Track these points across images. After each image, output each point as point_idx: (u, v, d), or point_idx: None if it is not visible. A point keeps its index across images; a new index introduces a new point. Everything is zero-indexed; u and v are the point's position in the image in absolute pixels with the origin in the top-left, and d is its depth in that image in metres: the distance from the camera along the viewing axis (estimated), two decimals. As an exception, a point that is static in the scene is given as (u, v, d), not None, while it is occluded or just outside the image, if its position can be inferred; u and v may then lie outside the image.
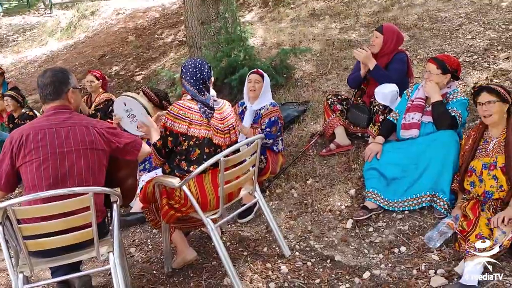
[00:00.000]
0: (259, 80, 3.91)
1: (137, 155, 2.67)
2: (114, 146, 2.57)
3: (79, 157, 2.44)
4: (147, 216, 3.11)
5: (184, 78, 2.82)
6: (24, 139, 2.37)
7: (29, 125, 2.46)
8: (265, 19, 7.73)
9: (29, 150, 2.37)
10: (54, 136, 2.41)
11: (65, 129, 2.45)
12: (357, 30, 6.39)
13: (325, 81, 5.34)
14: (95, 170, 2.50)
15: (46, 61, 10.93)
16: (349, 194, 3.64)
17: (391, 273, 2.81)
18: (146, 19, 10.63)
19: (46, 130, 2.42)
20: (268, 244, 3.28)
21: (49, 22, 13.91)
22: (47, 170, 2.38)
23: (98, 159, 2.51)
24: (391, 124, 3.62)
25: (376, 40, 3.91)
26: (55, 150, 2.40)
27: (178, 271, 3.09)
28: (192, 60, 2.84)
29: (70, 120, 2.49)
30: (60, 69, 2.59)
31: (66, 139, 2.43)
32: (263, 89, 3.90)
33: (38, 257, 2.41)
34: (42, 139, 2.39)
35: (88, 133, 2.48)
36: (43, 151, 2.38)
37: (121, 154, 2.62)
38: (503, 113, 2.94)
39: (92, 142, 2.48)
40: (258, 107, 3.92)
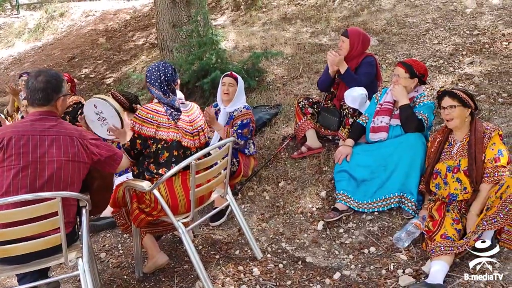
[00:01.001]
0: (233, 83, 3.91)
1: (116, 168, 2.64)
2: (96, 158, 2.52)
3: (60, 168, 2.39)
4: (118, 220, 3.07)
5: (149, 82, 2.84)
6: (5, 142, 2.30)
7: (11, 127, 2.40)
8: (237, 23, 7.75)
9: (9, 155, 2.30)
10: (37, 144, 2.34)
11: (49, 138, 2.38)
12: (327, 34, 6.48)
13: (297, 84, 5.40)
14: (73, 181, 2.45)
15: (12, 63, 10.66)
16: (320, 196, 3.68)
17: (361, 273, 2.86)
18: (117, 21, 10.51)
19: (29, 136, 2.35)
20: (240, 247, 3.29)
21: (16, 23, 13.58)
22: (25, 179, 2.32)
23: (78, 171, 2.46)
24: (361, 127, 3.68)
25: (343, 44, 3.98)
26: (37, 159, 2.33)
27: (149, 276, 3.06)
28: (155, 64, 2.87)
29: (55, 128, 2.42)
30: (54, 75, 2.49)
31: (49, 148, 2.36)
32: (237, 92, 3.91)
33: (4, 264, 2.35)
34: (25, 145, 2.32)
35: (72, 145, 2.43)
36: (24, 158, 2.31)
37: (101, 166, 2.58)
38: (464, 118, 3.03)
39: (75, 154, 2.43)
40: (232, 109, 3.93)
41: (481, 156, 2.91)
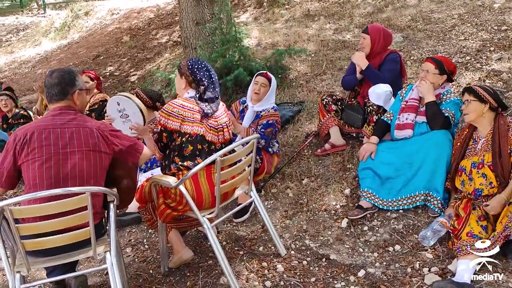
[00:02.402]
0: (265, 84, 3.89)
1: (138, 158, 2.68)
2: (117, 148, 2.58)
3: (82, 159, 2.45)
4: (144, 215, 3.12)
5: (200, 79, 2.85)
6: (28, 137, 2.38)
7: (34, 123, 2.48)
8: (259, 20, 7.75)
9: (32, 149, 2.38)
10: (58, 136, 2.42)
11: (69, 130, 2.46)
12: (351, 31, 6.43)
13: (320, 81, 5.38)
14: (96, 172, 2.51)
15: (39, 62, 10.89)
16: (344, 193, 3.67)
17: (386, 271, 2.84)
18: (140, 20, 10.63)
19: (50, 129, 2.43)
20: (264, 243, 3.30)
21: (43, 22, 13.88)
22: (49, 170, 2.39)
23: (100, 162, 2.52)
24: (385, 124, 3.65)
25: (364, 42, 3.95)
26: (59, 150, 2.41)
27: (175, 271, 3.10)
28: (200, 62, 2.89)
29: (75, 121, 2.49)
30: (67, 70, 2.60)
31: (70, 140, 2.44)
32: (268, 93, 3.90)
33: (35, 256, 2.41)
34: (46, 138, 2.40)
35: (92, 135, 2.49)
36: (46, 150, 2.39)
37: (123, 156, 2.63)
38: (481, 113, 3.00)
39: (95, 144, 2.49)
40: (260, 109, 3.91)
41: (507, 149, 2.87)
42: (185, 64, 2.88)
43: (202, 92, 2.84)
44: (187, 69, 2.86)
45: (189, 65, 2.87)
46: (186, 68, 2.87)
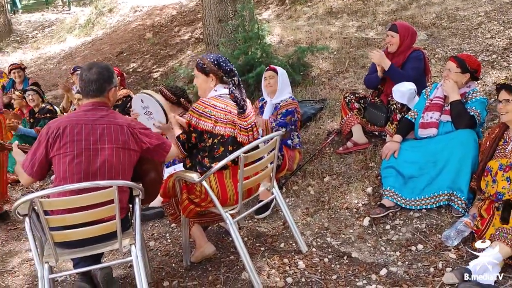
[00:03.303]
0: (272, 75, 4.01)
1: (165, 157, 2.72)
2: (145, 147, 2.62)
3: (111, 155, 2.49)
4: (167, 210, 3.16)
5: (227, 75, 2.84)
6: (61, 131, 2.43)
7: (67, 117, 2.54)
8: (282, 17, 7.75)
9: (64, 143, 2.42)
10: (90, 132, 2.46)
11: (100, 126, 2.49)
12: (374, 28, 6.38)
13: (342, 79, 5.35)
14: (124, 168, 2.55)
15: (64, 58, 11.09)
16: (366, 192, 3.65)
17: (408, 270, 2.82)
18: (163, 16, 10.72)
19: (82, 125, 2.47)
20: (285, 240, 3.32)
21: (68, 19, 14.12)
22: (80, 165, 2.43)
23: (128, 159, 2.56)
24: (409, 122, 3.62)
25: (393, 40, 3.92)
26: (89, 146, 2.45)
27: (197, 265, 3.14)
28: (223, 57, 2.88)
29: (106, 118, 2.53)
30: (106, 67, 2.62)
31: (101, 136, 2.48)
32: (280, 82, 3.98)
33: (62, 248, 2.47)
34: (78, 134, 2.44)
35: (122, 133, 2.53)
36: (77, 145, 2.44)
37: (150, 154, 2.67)
38: None
39: (125, 142, 2.53)
40: (278, 101, 4.01)
41: None
42: (207, 62, 2.84)
43: (236, 83, 2.81)
44: (213, 65, 2.83)
45: (213, 61, 2.84)
46: (211, 65, 2.83)
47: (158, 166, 2.81)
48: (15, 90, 6.39)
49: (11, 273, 3.33)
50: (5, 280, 3.23)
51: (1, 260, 3.53)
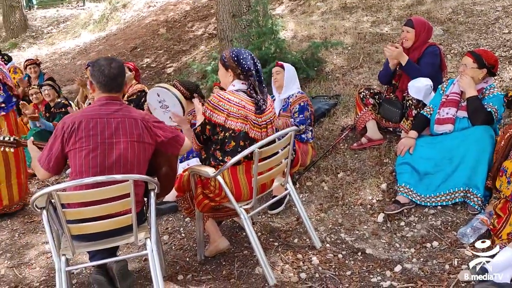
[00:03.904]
0: (279, 71, 4.06)
1: (179, 150, 2.74)
2: (159, 140, 2.64)
3: (126, 149, 2.51)
4: (182, 204, 3.18)
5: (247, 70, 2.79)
6: (76, 125, 2.45)
7: (81, 112, 2.56)
8: (295, 12, 7.71)
9: (80, 137, 2.45)
10: (105, 126, 2.49)
11: (115, 120, 2.52)
12: (389, 23, 6.32)
13: (357, 74, 5.32)
14: (139, 162, 2.57)
15: (79, 53, 11.18)
16: (380, 188, 3.63)
17: (423, 267, 2.80)
18: (176, 12, 10.74)
19: (97, 119, 2.49)
20: (299, 235, 3.31)
21: (82, 15, 14.23)
22: (95, 159, 2.46)
23: (143, 152, 2.58)
24: (425, 118, 3.59)
25: (408, 35, 3.87)
26: (105, 140, 2.47)
27: (211, 259, 3.15)
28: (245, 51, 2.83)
29: (120, 112, 2.55)
30: (120, 61, 2.65)
31: (116, 130, 2.50)
32: (286, 77, 4.02)
33: (79, 241, 2.50)
34: (93, 128, 2.47)
35: (136, 126, 2.55)
36: (93, 140, 2.46)
37: (164, 147, 2.69)
38: None
39: (139, 135, 2.55)
40: (286, 96, 4.04)
41: None
42: (228, 56, 2.81)
43: (253, 82, 2.79)
44: (232, 61, 2.80)
45: (233, 57, 2.80)
46: (231, 60, 2.80)
47: (172, 160, 2.82)
48: (30, 85, 6.45)
49: (28, 265, 3.38)
50: (22, 272, 3.28)
51: (18, 252, 3.59)
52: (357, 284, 2.72)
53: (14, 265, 3.37)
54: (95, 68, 2.56)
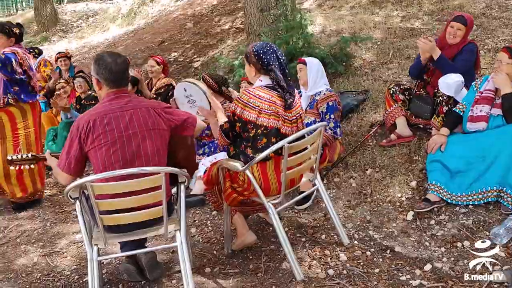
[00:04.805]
0: (301, 67, 3.99)
1: (193, 130, 2.77)
2: (173, 124, 2.67)
3: (144, 138, 2.54)
4: (210, 198, 3.20)
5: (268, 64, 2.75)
6: (91, 124, 2.46)
7: (93, 111, 2.55)
8: (324, 6, 7.63)
9: (97, 135, 2.46)
10: (119, 119, 2.50)
11: (128, 113, 2.54)
12: (420, 18, 6.19)
13: (386, 70, 5.24)
14: (159, 149, 2.60)
15: (108, 47, 11.33)
16: (410, 185, 3.58)
17: (454, 267, 2.76)
18: (204, 6, 10.77)
19: (111, 114, 2.51)
20: (326, 231, 3.30)
21: (111, 9, 14.42)
22: (116, 153, 2.48)
23: (160, 139, 2.60)
24: (457, 116, 3.51)
25: (459, 32, 3.75)
26: (122, 133, 2.50)
27: (238, 253, 3.17)
28: (266, 45, 2.79)
29: (131, 104, 2.58)
30: (123, 55, 2.66)
31: (130, 122, 2.52)
32: (310, 74, 3.93)
33: (109, 232, 2.54)
34: (109, 124, 2.48)
35: (149, 115, 2.58)
36: (110, 135, 2.48)
37: (179, 131, 2.71)
38: None
39: (154, 123, 2.58)
40: (313, 93, 3.97)
41: None
42: (250, 51, 2.80)
43: (274, 78, 2.76)
44: (253, 56, 2.78)
45: (254, 51, 2.78)
46: (252, 55, 2.79)
47: (188, 142, 2.83)
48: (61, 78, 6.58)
49: (60, 254, 3.46)
50: (54, 261, 3.36)
51: (50, 241, 3.67)
52: (385, 282, 2.69)
53: (46, 254, 3.46)
54: (101, 66, 2.54)
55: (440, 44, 3.81)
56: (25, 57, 4.10)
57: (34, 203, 4.41)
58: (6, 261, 3.39)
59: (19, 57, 4.02)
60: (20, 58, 4.03)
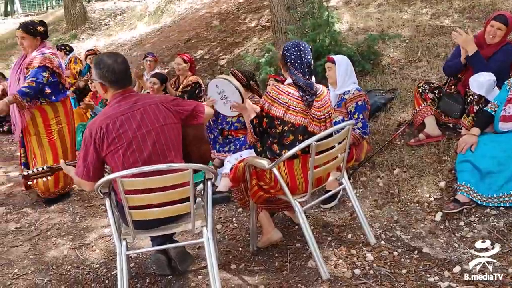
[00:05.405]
0: (330, 66, 3.95)
1: (203, 118, 2.74)
2: (183, 115, 2.66)
3: (158, 135, 2.54)
4: (236, 195, 3.21)
5: (288, 62, 2.78)
6: (104, 129, 2.45)
7: (103, 115, 2.51)
8: (351, 4, 7.56)
9: (112, 139, 2.45)
10: (131, 120, 2.49)
11: (138, 112, 2.53)
12: (450, 16, 6.07)
13: (414, 68, 5.15)
14: (174, 144, 2.60)
15: (135, 45, 11.49)
16: (438, 186, 3.52)
17: (484, 269, 2.70)
18: (230, 4, 10.81)
19: (122, 116, 2.49)
20: (353, 231, 3.27)
21: (138, 7, 14.61)
22: (134, 154, 2.49)
23: (173, 132, 2.60)
24: (489, 115, 3.43)
25: (499, 32, 3.63)
26: (136, 133, 2.49)
27: (263, 250, 3.17)
28: (294, 43, 2.80)
29: (140, 102, 2.56)
30: (121, 54, 2.63)
31: (142, 120, 2.51)
32: (339, 72, 3.90)
33: (137, 228, 2.57)
34: (121, 126, 2.47)
35: (159, 111, 2.58)
36: (125, 137, 2.47)
37: (189, 121, 2.70)
38: None
39: (165, 118, 2.58)
40: (341, 91, 3.93)
41: None
42: (283, 48, 2.84)
43: (292, 76, 2.77)
44: (281, 53, 2.83)
45: (283, 48, 2.82)
46: (281, 52, 2.83)
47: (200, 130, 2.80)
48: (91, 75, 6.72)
49: (89, 247, 3.53)
50: (83, 254, 3.43)
51: (79, 234, 3.75)
52: (413, 283, 2.65)
53: (76, 247, 3.54)
54: (103, 69, 2.51)
55: (478, 42, 3.70)
56: (53, 58, 4.15)
57: (64, 197, 4.51)
58: (38, 253, 3.49)
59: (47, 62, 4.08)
60: (49, 61, 4.09)
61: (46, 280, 3.11)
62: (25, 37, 4.12)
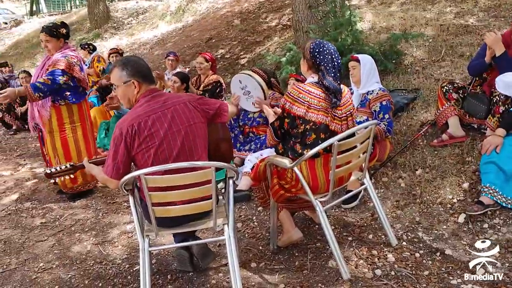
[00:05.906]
0: (354, 65, 3.94)
1: (226, 117, 2.80)
2: (209, 115, 2.71)
3: (187, 134, 2.58)
4: (257, 193, 3.23)
5: (322, 65, 2.74)
6: (136, 128, 2.47)
7: (133, 114, 2.52)
8: (373, 3, 7.50)
9: (143, 138, 2.48)
10: (162, 119, 2.53)
11: (169, 111, 2.56)
12: (475, 14, 5.97)
13: (438, 68, 5.08)
14: (201, 142, 2.64)
15: (157, 43, 11.61)
16: (462, 187, 3.47)
17: (509, 273, 2.65)
18: (251, 3, 10.82)
19: (153, 115, 2.52)
20: (374, 231, 3.25)
21: (160, 6, 14.76)
22: (164, 153, 2.52)
23: (200, 131, 2.64)
24: (515, 116, 3.37)
25: None
26: (166, 132, 2.53)
27: (283, 249, 3.18)
28: (323, 44, 2.76)
29: (169, 101, 2.60)
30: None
31: (172, 120, 2.55)
32: (363, 72, 3.88)
33: (160, 225, 2.60)
34: (153, 125, 2.50)
35: (188, 110, 2.62)
36: (157, 136, 2.51)
37: (214, 119, 2.76)
38: None
39: (193, 117, 2.62)
40: (365, 91, 3.92)
41: None
42: (308, 46, 2.80)
43: (320, 79, 2.74)
44: (308, 53, 2.78)
45: (311, 48, 2.77)
46: (308, 51, 2.78)
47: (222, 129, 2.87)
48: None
49: (111, 243, 3.59)
50: (106, 249, 3.49)
51: (102, 230, 3.82)
52: (435, 285, 2.63)
53: (99, 242, 3.60)
54: (134, 66, 2.59)
55: (505, 42, 3.61)
56: (73, 63, 4.21)
57: (87, 193, 4.59)
58: (62, 248, 3.56)
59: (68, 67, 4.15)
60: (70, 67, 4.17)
61: (70, 274, 3.18)
62: (49, 40, 4.22)
